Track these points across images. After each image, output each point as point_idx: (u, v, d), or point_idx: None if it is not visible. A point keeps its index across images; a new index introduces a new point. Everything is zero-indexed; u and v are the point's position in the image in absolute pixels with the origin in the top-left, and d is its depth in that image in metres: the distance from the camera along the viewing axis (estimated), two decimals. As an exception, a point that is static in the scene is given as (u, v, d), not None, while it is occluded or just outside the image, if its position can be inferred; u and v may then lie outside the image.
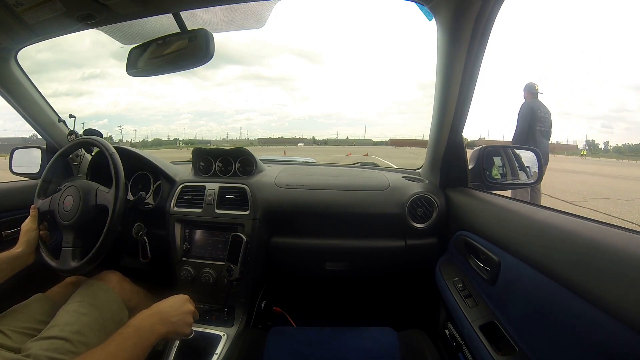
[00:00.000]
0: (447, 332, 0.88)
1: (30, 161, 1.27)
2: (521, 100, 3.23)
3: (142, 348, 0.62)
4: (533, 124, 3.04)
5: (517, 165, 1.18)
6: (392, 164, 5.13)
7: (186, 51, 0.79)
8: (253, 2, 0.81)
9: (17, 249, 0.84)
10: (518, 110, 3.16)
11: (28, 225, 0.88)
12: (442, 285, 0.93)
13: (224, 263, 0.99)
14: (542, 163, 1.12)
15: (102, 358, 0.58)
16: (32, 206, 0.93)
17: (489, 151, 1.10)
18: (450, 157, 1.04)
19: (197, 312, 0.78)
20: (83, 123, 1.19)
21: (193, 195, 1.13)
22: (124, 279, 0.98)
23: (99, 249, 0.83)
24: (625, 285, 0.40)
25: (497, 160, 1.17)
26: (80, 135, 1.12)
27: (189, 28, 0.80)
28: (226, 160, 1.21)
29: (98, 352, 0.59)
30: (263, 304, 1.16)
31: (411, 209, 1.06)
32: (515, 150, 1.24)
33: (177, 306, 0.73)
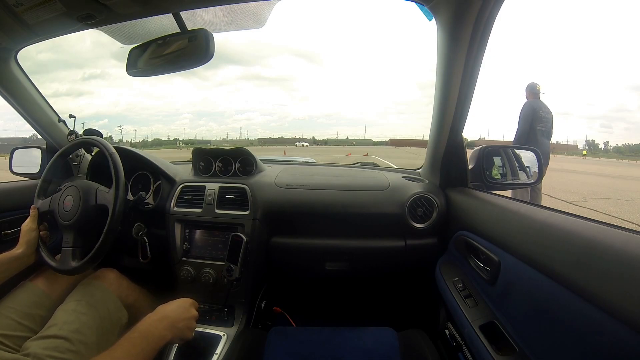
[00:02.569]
0: (447, 332, 0.88)
1: (30, 161, 1.26)
2: (522, 100, 3.22)
3: (149, 353, 0.62)
4: (534, 124, 3.04)
5: (517, 165, 1.18)
6: (392, 164, 5.13)
7: (186, 51, 0.79)
8: (253, 2, 0.81)
9: (18, 249, 0.84)
10: (519, 110, 3.15)
11: (28, 226, 0.88)
12: (442, 285, 0.93)
13: (224, 263, 0.99)
14: (542, 163, 1.12)
15: None
16: (32, 206, 0.92)
17: (489, 151, 1.10)
18: (450, 157, 1.04)
19: (198, 316, 0.78)
20: (83, 123, 1.18)
21: (193, 195, 1.13)
22: (121, 276, 0.97)
23: (99, 249, 0.83)
24: (625, 285, 0.40)
25: (497, 160, 1.17)
26: (80, 135, 1.12)
27: (189, 28, 0.80)
28: (226, 160, 1.21)
29: (106, 357, 0.59)
30: (263, 304, 1.16)
31: (411, 209, 1.06)
32: (516, 150, 1.24)
33: (182, 311, 0.73)
